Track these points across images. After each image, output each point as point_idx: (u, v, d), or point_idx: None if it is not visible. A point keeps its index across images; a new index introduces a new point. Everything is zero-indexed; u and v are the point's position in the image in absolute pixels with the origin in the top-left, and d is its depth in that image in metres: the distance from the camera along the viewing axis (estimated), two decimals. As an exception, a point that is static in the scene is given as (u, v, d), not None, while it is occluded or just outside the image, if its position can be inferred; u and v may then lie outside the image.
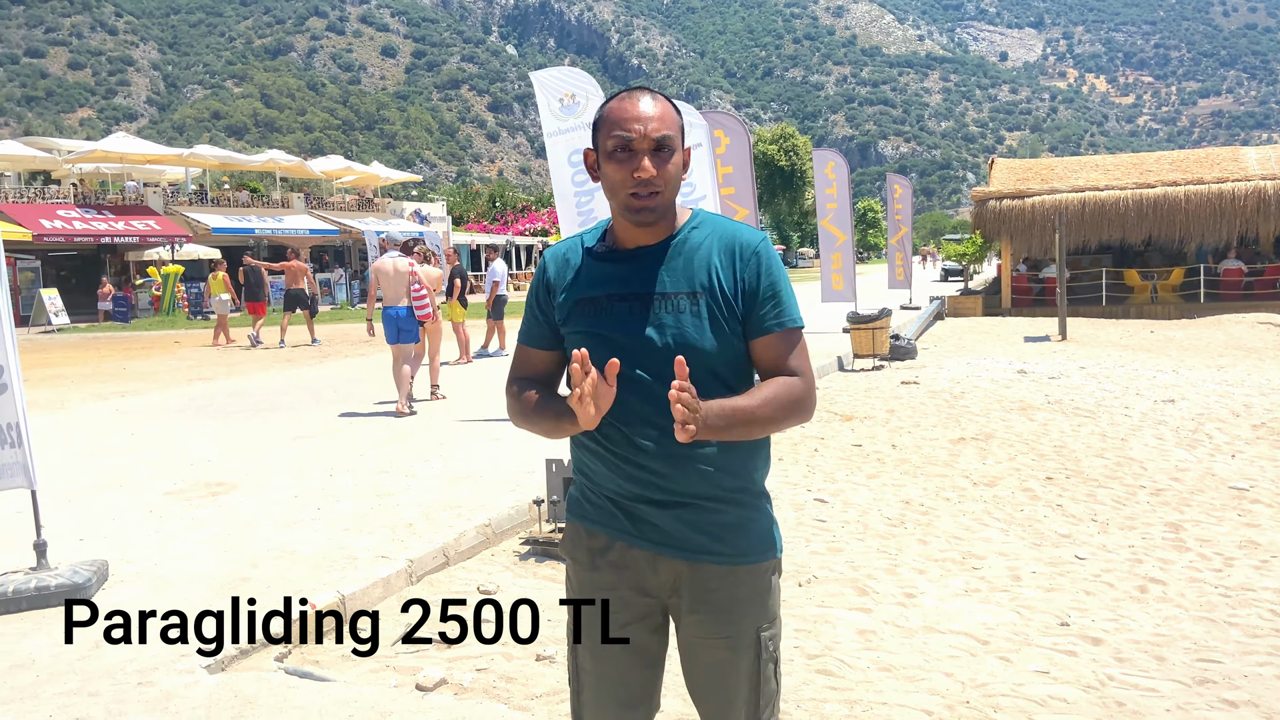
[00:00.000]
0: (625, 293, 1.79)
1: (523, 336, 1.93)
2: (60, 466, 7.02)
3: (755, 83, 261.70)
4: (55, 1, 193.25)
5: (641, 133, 1.71)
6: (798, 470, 6.63)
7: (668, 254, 1.80)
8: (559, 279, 1.85)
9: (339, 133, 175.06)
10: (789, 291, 1.83)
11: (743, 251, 1.80)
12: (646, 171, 1.71)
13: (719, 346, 1.77)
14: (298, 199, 38.36)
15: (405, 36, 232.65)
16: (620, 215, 1.78)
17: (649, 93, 1.78)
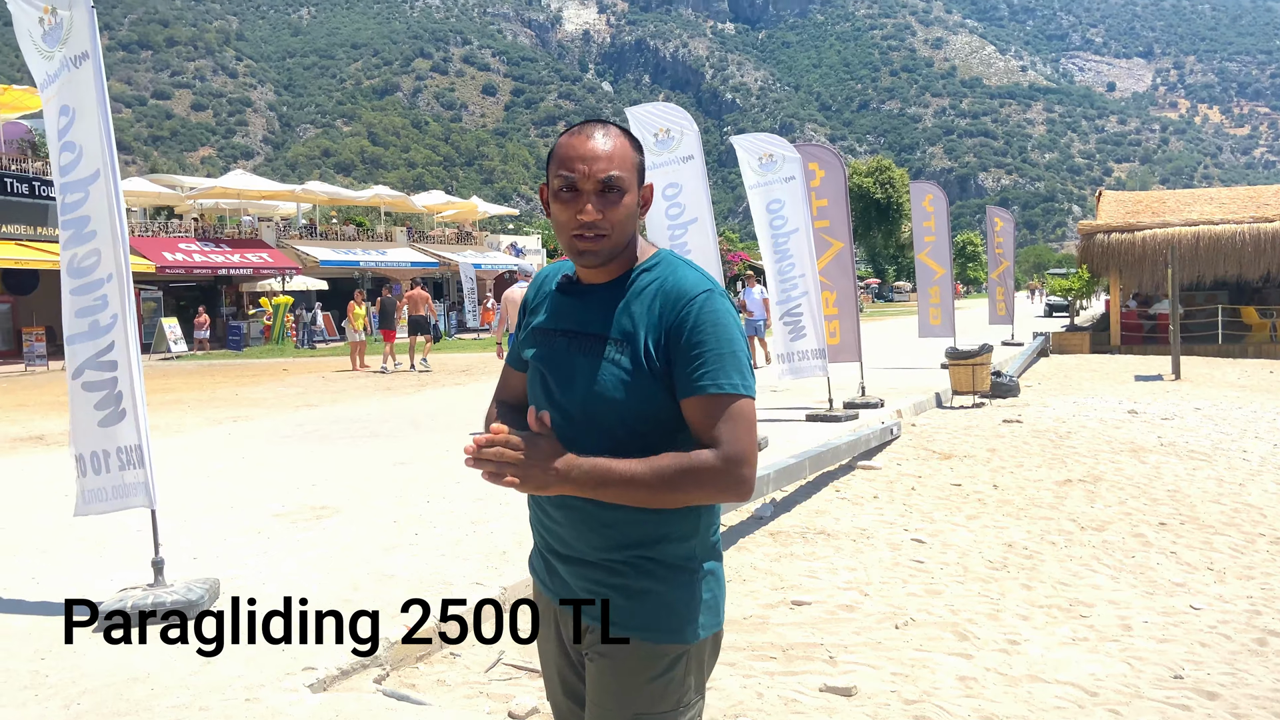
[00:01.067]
0: (567, 329, 1.72)
1: (508, 356, 1.92)
2: (177, 488, 7.36)
3: (851, 115, 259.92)
4: (181, 46, 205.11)
5: (585, 173, 1.61)
6: (894, 509, 6.49)
7: (612, 295, 1.69)
8: (534, 302, 1.84)
9: (440, 168, 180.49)
10: (728, 351, 1.60)
11: (677, 301, 1.62)
12: (588, 215, 1.61)
13: (637, 402, 1.61)
14: (400, 233, 39.64)
15: (505, 75, 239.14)
16: (568, 256, 1.73)
17: (602, 127, 1.67)
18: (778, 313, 10.46)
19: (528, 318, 1.84)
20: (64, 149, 5.44)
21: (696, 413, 1.59)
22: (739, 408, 1.59)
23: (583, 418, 1.63)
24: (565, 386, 1.67)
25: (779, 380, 11.03)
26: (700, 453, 1.57)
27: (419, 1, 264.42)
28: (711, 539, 1.73)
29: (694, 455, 1.56)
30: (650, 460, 1.56)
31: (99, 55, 5.37)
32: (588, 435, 1.61)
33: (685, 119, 8.93)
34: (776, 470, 6.44)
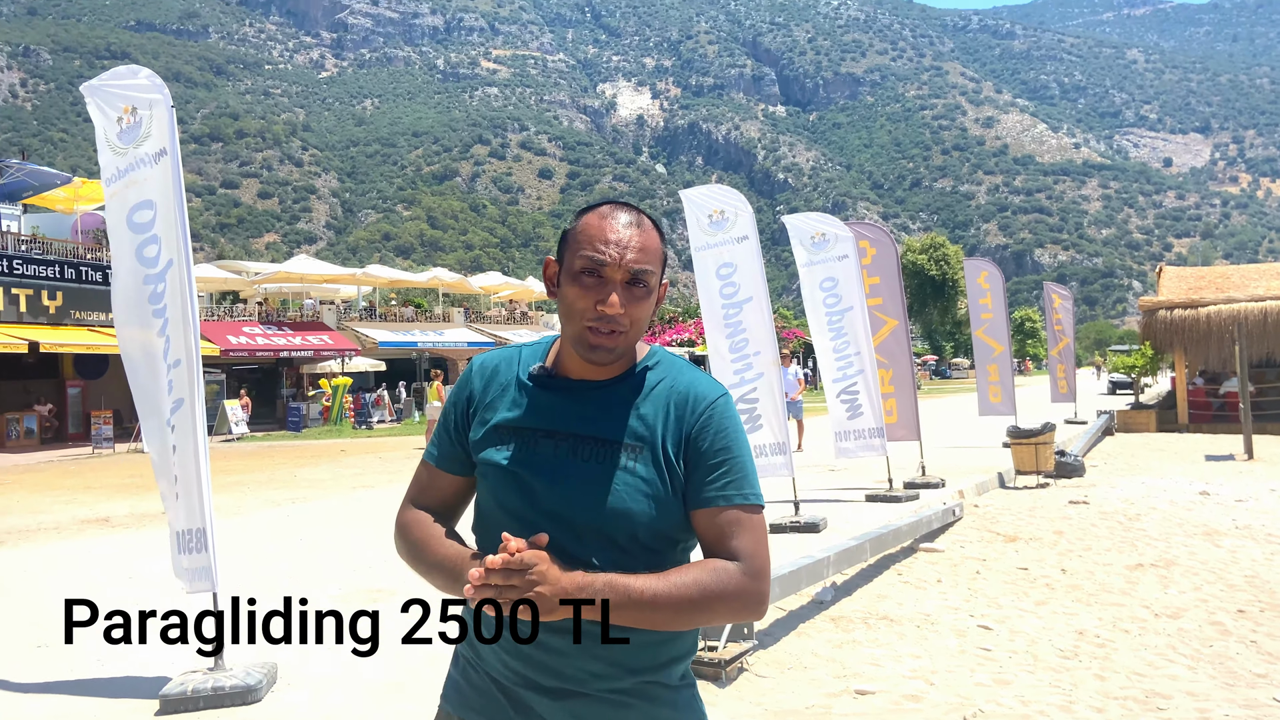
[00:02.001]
0: (555, 429, 1.51)
1: (429, 454, 1.63)
2: (237, 570, 7.44)
3: (903, 193, 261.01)
4: (250, 138, 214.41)
5: (618, 260, 1.45)
6: (958, 594, 6.30)
7: (615, 394, 1.53)
8: (483, 395, 1.57)
9: (497, 250, 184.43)
10: (747, 459, 1.51)
11: (696, 405, 1.51)
12: (613, 307, 1.44)
13: (654, 513, 1.47)
14: (458, 313, 40.40)
15: (561, 159, 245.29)
16: (572, 344, 1.51)
17: (634, 212, 1.52)
18: (834, 390, 10.39)
19: (479, 413, 1.57)
20: (149, 241, 5.69)
21: (718, 524, 1.47)
22: (759, 520, 1.49)
23: (589, 531, 1.46)
24: (564, 497, 1.47)
25: (836, 459, 10.89)
26: (723, 565, 1.44)
27: (478, 91, 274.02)
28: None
29: (717, 569, 1.43)
30: (668, 577, 1.41)
31: (176, 151, 5.64)
32: (592, 550, 1.45)
33: (739, 200, 9.05)
34: (836, 553, 6.31)
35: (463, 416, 1.59)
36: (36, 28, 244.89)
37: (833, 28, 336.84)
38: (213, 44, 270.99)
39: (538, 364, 1.57)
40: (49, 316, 23.26)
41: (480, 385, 1.59)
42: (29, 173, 25.33)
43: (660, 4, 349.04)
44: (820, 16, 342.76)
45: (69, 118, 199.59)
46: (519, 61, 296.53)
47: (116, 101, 5.83)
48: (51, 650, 5.30)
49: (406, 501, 1.65)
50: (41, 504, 12.38)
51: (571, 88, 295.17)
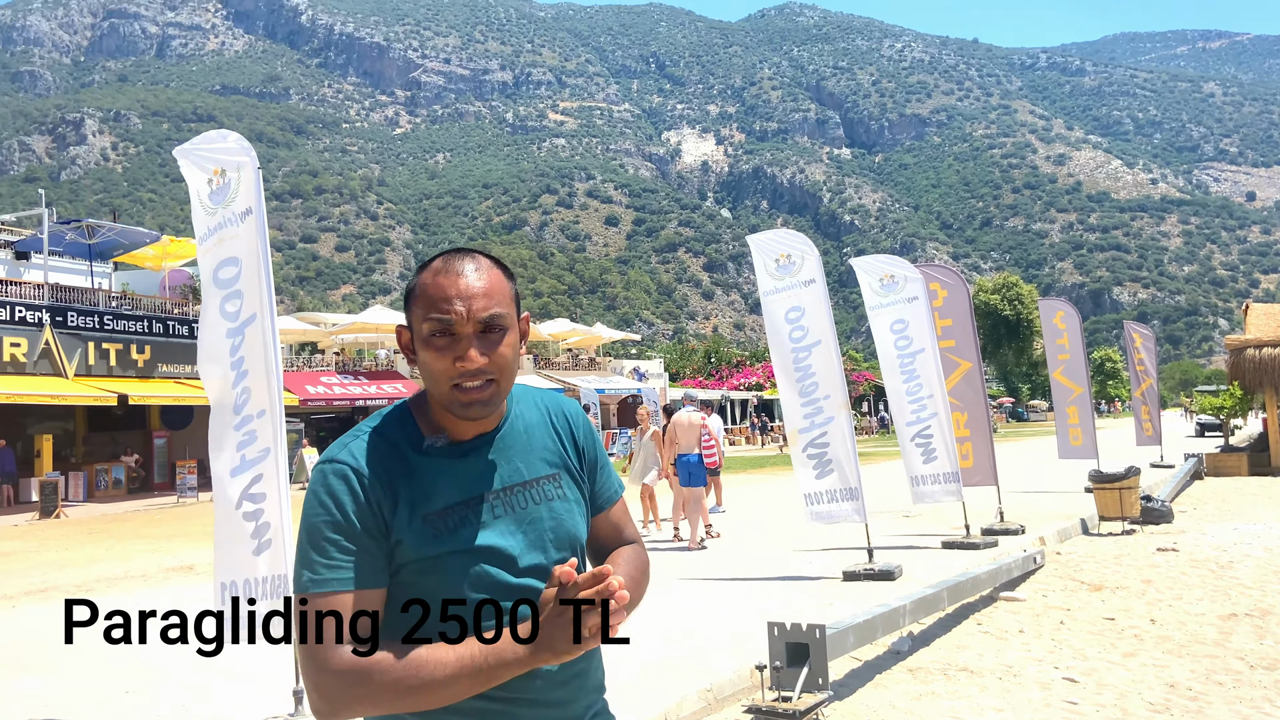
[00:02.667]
0: (485, 491, 1.48)
1: (323, 581, 1.37)
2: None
3: (974, 233, 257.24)
4: (328, 194, 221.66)
5: (464, 314, 1.42)
6: (1041, 644, 6.10)
7: (512, 438, 1.53)
8: (387, 488, 1.43)
9: (565, 297, 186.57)
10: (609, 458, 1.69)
11: (574, 420, 1.60)
12: (472, 362, 1.41)
13: (584, 527, 1.57)
14: (527, 360, 40.88)
15: (627, 206, 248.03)
16: (445, 409, 1.47)
17: (470, 258, 1.48)
18: (908, 434, 10.22)
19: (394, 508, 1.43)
20: (231, 296, 5.93)
21: (613, 519, 1.65)
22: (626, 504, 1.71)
23: (559, 563, 1.47)
24: (531, 544, 1.48)
25: (912, 506, 10.68)
26: (635, 549, 1.63)
27: (546, 143, 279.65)
28: None
29: (636, 552, 1.62)
30: (619, 568, 1.54)
31: (262, 211, 5.88)
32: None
33: (805, 244, 9.05)
34: (913, 601, 6.17)
35: (371, 518, 1.41)
36: (127, 94, 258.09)
37: (897, 70, 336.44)
38: (293, 105, 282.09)
39: (431, 438, 1.49)
40: (137, 370, 24.20)
41: (372, 479, 1.43)
42: (119, 232, 26.53)
43: (724, 53, 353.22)
44: (884, 60, 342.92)
45: (157, 179, 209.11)
46: (585, 113, 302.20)
47: (207, 164, 6.11)
48: (139, 695, 5.45)
49: (330, 649, 1.35)
50: (129, 552, 12.78)
51: (637, 136, 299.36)
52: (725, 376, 56.18)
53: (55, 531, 16.19)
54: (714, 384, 53.48)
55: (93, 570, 10.96)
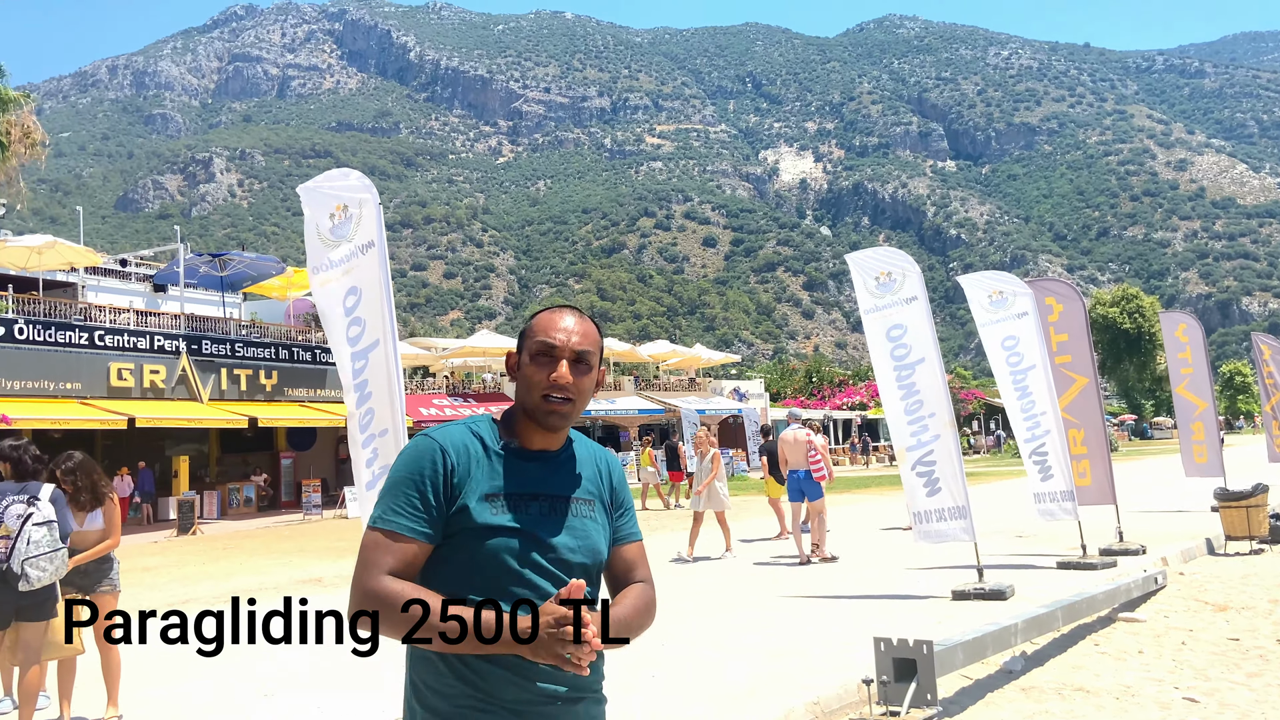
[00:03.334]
0: (538, 492, 1.84)
1: (398, 525, 1.76)
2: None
3: (1089, 244, 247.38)
4: (437, 223, 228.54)
5: (564, 343, 1.84)
6: (1161, 665, 5.94)
7: (567, 460, 1.91)
8: (464, 467, 1.80)
9: (664, 319, 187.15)
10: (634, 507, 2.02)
11: (610, 466, 1.99)
12: (564, 377, 1.82)
13: (608, 550, 1.92)
14: (628, 381, 41.30)
15: (725, 227, 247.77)
16: (530, 415, 1.85)
17: (576, 311, 1.93)
18: (1026, 451, 10.05)
19: (464, 484, 1.79)
20: (352, 323, 6.32)
21: (628, 556, 1.97)
22: (644, 549, 2.03)
23: (578, 568, 1.83)
24: (561, 544, 1.82)
25: (1027, 524, 10.45)
26: (643, 587, 1.94)
27: (643, 166, 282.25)
28: None
29: (643, 591, 1.93)
30: (626, 601, 1.89)
31: (383, 243, 6.27)
32: (576, 579, 1.78)
33: (906, 261, 9.04)
34: (1025, 620, 6.09)
35: (445, 486, 1.78)
36: (251, 133, 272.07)
37: (1004, 78, 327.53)
38: (403, 139, 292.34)
39: (506, 440, 1.87)
40: (265, 394, 25.50)
41: (456, 459, 1.80)
42: (249, 264, 28.09)
43: (821, 69, 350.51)
44: (989, 68, 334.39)
45: (279, 213, 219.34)
46: (682, 135, 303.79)
47: (329, 200, 6.53)
48: (277, 700, 5.83)
49: (378, 573, 1.72)
50: (262, 566, 13.52)
51: (734, 156, 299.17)
52: (828, 396, 55.50)
53: (193, 547, 17.20)
54: (816, 403, 52.89)
55: (230, 584, 11.65)
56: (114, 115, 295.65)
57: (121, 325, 23.05)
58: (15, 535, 4.80)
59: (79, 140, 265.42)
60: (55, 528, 4.93)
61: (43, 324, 21.18)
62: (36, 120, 20.48)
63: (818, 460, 11.04)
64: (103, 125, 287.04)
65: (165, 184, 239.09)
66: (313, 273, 6.57)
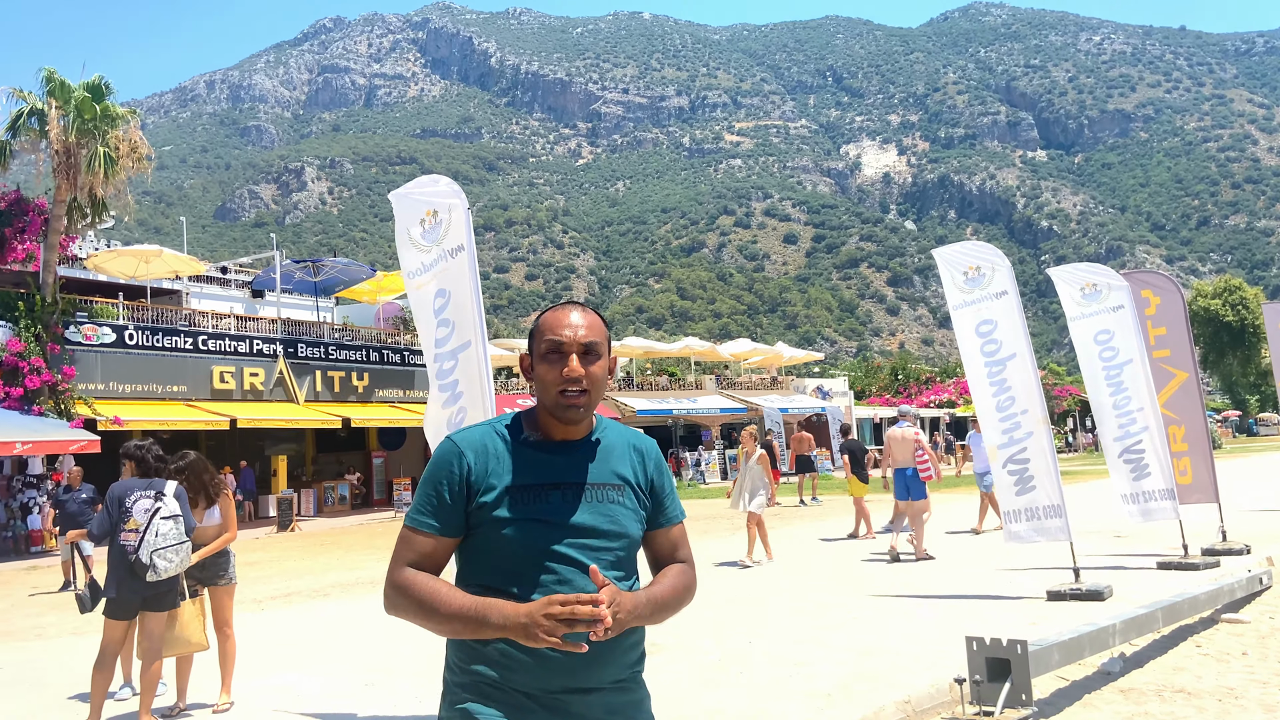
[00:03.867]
0: (560, 481, 1.91)
1: (418, 521, 1.91)
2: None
3: (1189, 234, 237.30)
4: (518, 226, 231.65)
5: (571, 338, 1.91)
6: (1267, 667, 5.74)
7: (593, 449, 1.97)
8: (481, 465, 1.90)
9: (745, 317, 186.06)
10: (675, 489, 2.10)
11: (648, 452, 2.04)
12: (575, 370, 1.89)
13: (639, 532, 1.98)
14: (709, 380, 41.26)
15: (805, 223, 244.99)
16: (550, 412, 1.93)
17: (579, 306, 1.99)
18: (1115, 450, 9.76)
19: (482, 480, 1.89)
20: (440, 325, 6.51)
21: (671, 537, 2.06)
22: (686, 529, 2.12)
23: (603, 549, 1.90)
24: (584, 528, 1.89)
25: (1125, 523, 10.16)
26: (686, 568, 2.05)
27: (722, 164, 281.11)
28: None
29: (685, 571, 2.04)
30: (664, 581, 1.98)
31: (472, 247, 6.44)
32: (604, 563, 1.88)
33: (995, 255, 8.88)
34: (1124, 621, 5.95)
35: (461, 486, 1.89)
36: (340, 142, 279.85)
37: (1096, 64, 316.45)
38: (485, 143, 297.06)
39: (527, 433, 1.96)
40: (357, 395, 26.28)
41: (474, 459, 1.91)
42: (341, 269, 28.97)
43: (904, 60, 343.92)
44: (1081, 55, 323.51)
45: (368, 219, 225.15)
46: (761, 132, 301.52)
47: (420, 206, 6.73)
48: (379, 689, 6.05)
49: (400, 565, 1.90)
50: (358, 561, 13.97)
51: (814, 152, 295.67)
52: (914, 394, 54.50)
53: (292, 543, 17.86)
54: (902, 401, 51.98)
55: (328, 577, 12.08)
56: (212, 128, 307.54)
57: (223, 330, 24.03)
58: (144, 528, 5.09)
59: (179, 153, 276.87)
60: (181, 521, 5.22)
61: (151, 329, 22.22)
62: (143, 135, 21.46)
63: (924, 459, 10.95)
64: (201, 138, 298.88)
65: (260, 193, 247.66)
66: (407, 277, 6.79)
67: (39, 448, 18.11)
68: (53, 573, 13.94)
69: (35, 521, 19.02)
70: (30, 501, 19.30)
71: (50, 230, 20.44)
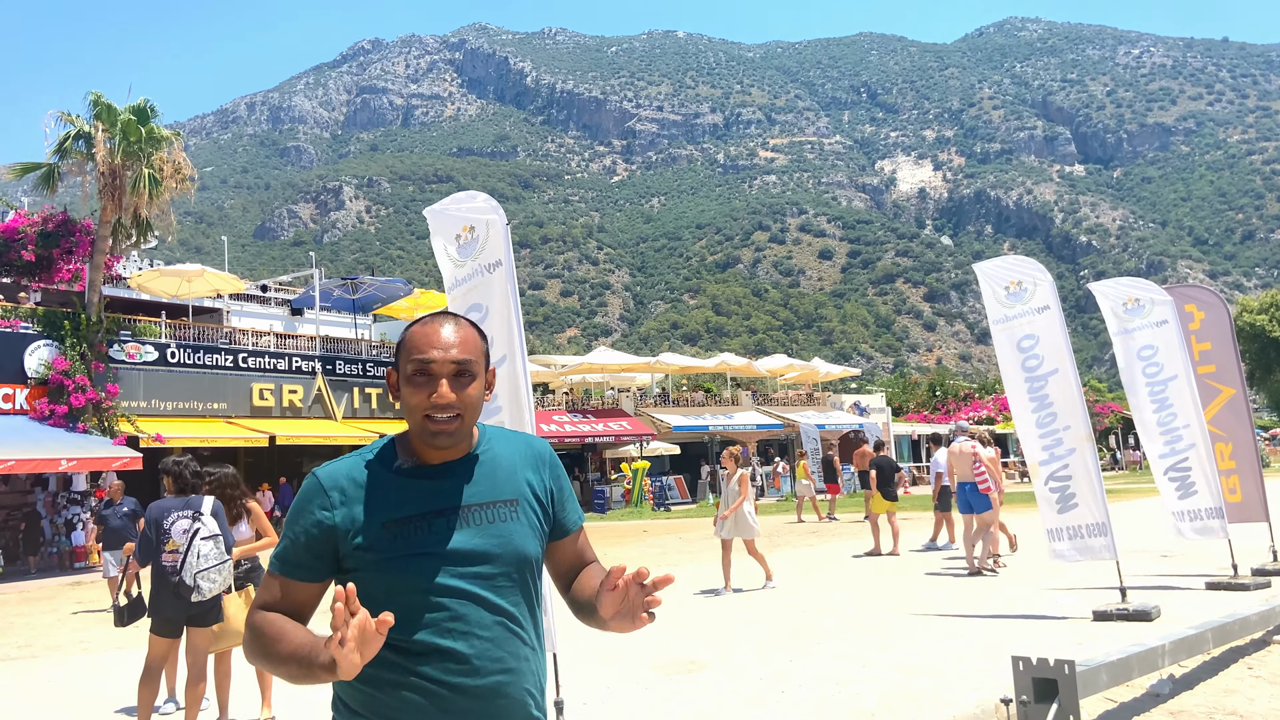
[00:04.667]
0: (443, 507, 1.73)
1: (282, 567, 1.74)
2: (562, 641, 8.07)
3: (1233, 248, 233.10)
4: (553, 242, 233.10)
5: (441, 358, 1.72)
6: (1328, 694, 5.56)
7: (477, 467, 1.79)
8: (349, 502, 1.72)
9: (780, 333, 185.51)
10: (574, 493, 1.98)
11: (543, 458, 1.88)
12: (445, 396, 1.70)
13: (538, 550, 1.82)
14: (746, 396, 41.12)
15: (841, 239, 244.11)
16: (418, 438, 1.75)
17: (452, 319, 1.79)
18: (1161, 467, 9.57)
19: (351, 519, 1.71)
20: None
21: (578, 543, 1.95)
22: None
23: (500, 576, 1.74)
24: (478, 554, 1.72)
25: (1173, 543, 9.94)
26: (598, 567, 1.95)
27: (757, 180, 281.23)
28: None
29: (599, 567, 1.95)
30: (592, 584, 1.88)
31: (510, 262, 6.47)
32: (504, 591, 1.74)
33: (1037, 269, 8.78)
34: (1172, 641, 5.80)
35: (325, 527, 1.71)
36: (378, 161, 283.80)
37: (1134, 78, 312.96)
38: (520, 161, 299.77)
39: (401, 461, 1.78)
40: (394, 411, 26.48)
41: (339, 496, 1.73)
42: (378, 286, 29.31)
43: (939, 76, 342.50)
44: (1119, 68, 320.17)
45: (405, 237, 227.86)
46: (795, 148, 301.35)
47: (456, 222, 6.77)
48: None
49: (254, 608, 1.75)
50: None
51: (849, 168, 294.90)
52: (952, 410, 53.92)
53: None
54: (940, 418, 51.44)
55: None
56: (252, 149, 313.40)
57: (262, 348, 24.37)
58: (185, 550, 5.15)
59: (220, 174, 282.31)
60: (221, 540, 5.27)
61: (192, 348, 22.60)
62: (186, 157, 21.90)
63: (982, 472, 10.86)
64: (242, 159, 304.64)
65: (299, 213, 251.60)
66: (448, 291, 6.83)
67: (82, 465, 18.45)
68: (96, 588, 14.16)
69: (79, 538, 19.36)
70: (74, 518, 19.65)
71: (96, 250, 20.89)
